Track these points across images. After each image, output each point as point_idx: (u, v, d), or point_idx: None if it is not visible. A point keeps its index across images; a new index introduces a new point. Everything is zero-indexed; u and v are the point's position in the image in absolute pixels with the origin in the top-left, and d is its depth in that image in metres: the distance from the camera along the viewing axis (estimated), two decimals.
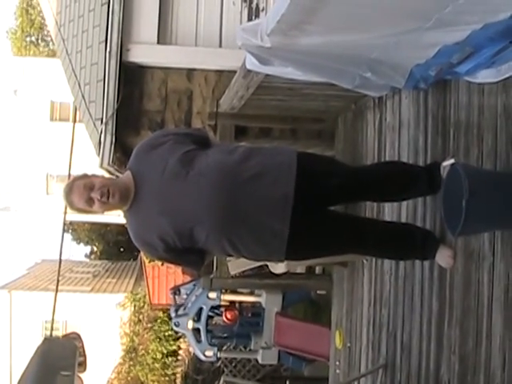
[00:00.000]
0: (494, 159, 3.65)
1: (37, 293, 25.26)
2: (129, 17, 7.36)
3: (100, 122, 7.18)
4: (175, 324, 9.64)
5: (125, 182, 3.76)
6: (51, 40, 26.26)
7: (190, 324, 9.42)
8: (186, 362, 18.09)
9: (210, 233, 3.66)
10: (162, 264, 16.80)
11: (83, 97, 7.59)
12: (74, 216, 17.71)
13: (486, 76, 3.70)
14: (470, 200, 3.06)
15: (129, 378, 21.55)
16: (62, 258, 13.65)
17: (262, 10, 7.71)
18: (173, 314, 9.70)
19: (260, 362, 9.81)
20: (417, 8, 3.24)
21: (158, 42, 7.49)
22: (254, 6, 7.73)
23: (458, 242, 4.00)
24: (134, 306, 23.13)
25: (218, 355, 9.70)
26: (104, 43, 7.20)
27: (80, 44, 7.94)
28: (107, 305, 24.47)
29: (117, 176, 7.12)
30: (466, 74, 3.83)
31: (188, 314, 9.44)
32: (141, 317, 22.48)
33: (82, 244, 37.19)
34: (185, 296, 9.96)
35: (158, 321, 21.35)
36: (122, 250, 35.35)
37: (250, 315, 10.12)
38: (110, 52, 7.14)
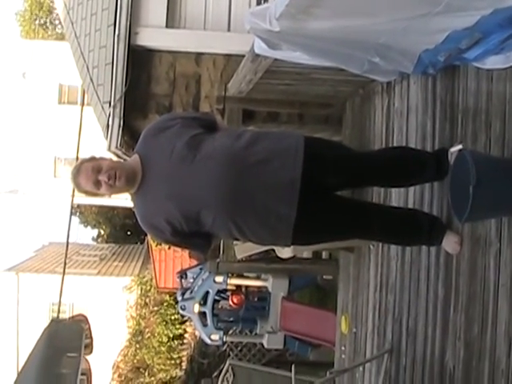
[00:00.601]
0: (501, 146, 3.64)
1: (44, 275, 25.33)
2: (137, 0, 7.35)
3: (108, 105, 7.19)
4: (181, 307, 9.66)
5: (132, 165, 3.77)
6: (60, 23, 26.27)
7: (196, 308, 9.44)
8: (192, 345, 18.16)
9: (217, 216, 3.67)
10: (169, 247, 16.84)
11: (91, 80, 7.59)
12: (82, 199, 17.80)
13: (494, 62, 3.68)
14: (477, 186, 3.06)
15: (135, 361, 21.62)
16: (70, 240, 13.69)
17: None
18: (179, 298, 9.72)
19: (266, 346, 9.83)
20: None
21: (167, 26, 7.48)
22: None
23: (464, 227, 4.00)
24: (141, 289, 23.18)
25: (224, 339, 9.71)
26: (113, 26, 7.20)
27: (89, 27, 7.93)
28: (114, 288, 24.53)
29: (124, 159, 7.13)
30: (474, 60, 3.81)
31: (194, 297, 9.46)
32: (147, 300, 22.53)
33: (89, 227, 37.29)
34: (191, 280, 9.98)
35: (165, 304, 21.39)
36: (128, 233, 35.44)
37: (256, 299, 10.15)
38: (118, 35, 7.14)
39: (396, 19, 3.60)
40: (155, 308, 21.82)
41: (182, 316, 17.61)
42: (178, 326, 21.07)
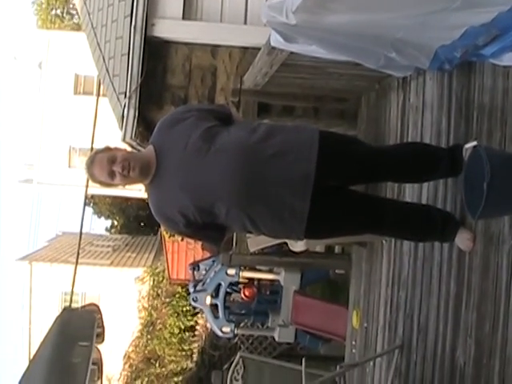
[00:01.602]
0: None
1: (57, 265, 25.43)
2: None
3: (123, 96, 7.20)
4: (193, 299, 9.68)
5: (146, 156, 3.78)
6: (76, 13, 26.32)
7: (208, 300, 9.46)
8: (203, 337, 18.17)
9: (230, 209, 3.67)
10: (182, 239, 16.86)
11: (107, 70, 7.61)
12: (96, 189, 17.82)
13: (511, 59, 3.67)
14: (491, 183, 3.06)
15: (146, 352, 21.67)
16: (83, 231, 13.74)
17: None
18: (191, 290, 9.74)
19: (277, 339, 9.84)
20: None
21: (183, 18, 7.49)
22: None
23: (478, 225, 3.99)
24: (153, 280, 23.22)
25: (235, 332, 9.73)
26: (129, 17, 7.21)
27: (105, 18, 7.95)
28: (126, 279, 24.59)
29: (139, 150, 7.14)
30: (491, 57, 3.80)
31: (206, 289, 9.48)
32: (159, 291, 22.57)
33: (102, 218, 37.39)
34: (204, 272, 9.99)
35: (177, 296, 21.43)
36: (142, 224, 35.49)
37: (268, 293, 10.16)
38: (135, 26, 7.15)
39: (413, 14, 3.59)
40: (167, 299, 21.86)
41: (194, 308, 17.65)
42: (189, 318, 21.12)
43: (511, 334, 3.52)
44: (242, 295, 9.71)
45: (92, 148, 10.58)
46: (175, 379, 20.67)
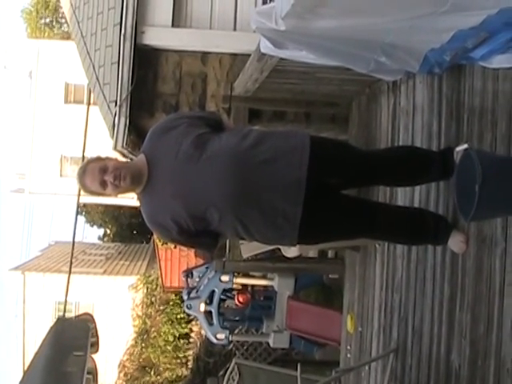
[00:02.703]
0: (507, 145, 3.65)
1: (50, 274, 25.35)
2: None
3: (114, 104, 7.20)
4: (187, 307, 9.67)
5: (138, 165, 3.78)
6: (66, 22, 26.28)
7: (202, 307, 9.44)
8: (198, 344, 18.15)
9: (223, 215, 3.68)
10: (175, 246, 16.84)
11: (97, 79, 7.61)
12: (88, 198, 17.82)
13: (500, 61, 3.68)
14: (483, 185, 3.06)
15: (141, 360, 21.62)
16: (76, 240, 13.72)
17: None
18: (185, 297, 9.73)
19: (271, 345, 9.83)
20: None
21: (173, 25, 7.49)
22: None
23: (470, 227, 4.00)
24: (147, 288, 23.18)
25: (230, 338, 9.71)
26: (119, 26, 7.21)
27: (95, 26, 7.95)
28: (120, 287, 24.53)
29: (131, 158, 7.14)
30: (480, 59, 3.81)
31: (200, 296, 9.47)
32: (153, 299, 22.53)
33: (95, 226, 37.35)
34: (197, 279, 9.98)
35: (171, 303, 21.39)
36: (135, 232, 35.44)
37: (262, 298, 10.16)
38: (124, 34, 7.15)
39: (402, 18, 3.60)
40: (161, 307, 21.82)
41: (188, 315, 17.62)
42: (183, 325, 21.08)
43: (505, 335, 3.53)
44: (236, 301, 9.70)
45: (83, 157, 10.58)
46: None
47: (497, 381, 3.60)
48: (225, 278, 9.26)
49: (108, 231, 37.91)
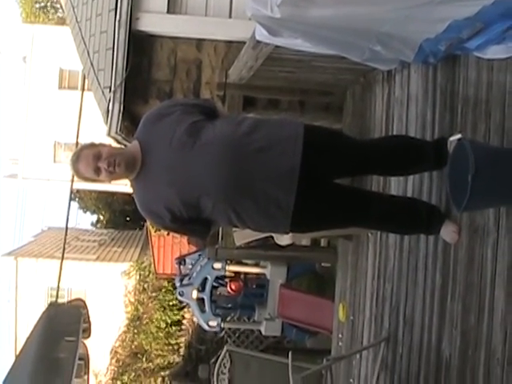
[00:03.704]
0: (501, 135, 3.65)
1: (43, 260, 25.33)
2: None
3: (108, 90, 7.18)
4: (180, 293, 9.67)
5: (132, 152, 3.78)
6: (61, 7, 26.19)
7: (195, 294, 9.45)
8: (190, 331, 18.21)
9: (216, 203, 3.68)
10: (168, 234, 16.83)
11: (92, 65, 7.59)
12: (81, 184, 17.79)
13: (495, 52, 3.68)
14: (476, 175, 3.07)
15: (133, 347, 21.66)
16: (69, 226, 13.70)
17: None
18: (177, 284, 9.73)
19: (263, 333, 9.84)
20: None
21: (168, 12, 7.47)
22: None
23: (463, 217, 4.01)
24: (139, 275, 23.19)
25: (222, 325, 9.73)
26: (114, 11, 7.19)
27: (90, 12, 7.92)
28: (112, 273, 24.51)
29: (124, 144, 7.14)
30: (475, 50, 3.82)
31: (193, 283, 9.47)
32: (146, 286, 22.54)
33: (88, 212, 37.26)
34: (190, 266, 9.98)
35: (163, 290, 21.42)
36: (128, 219, 35.39)
37: (254, 286, 10.16)
38: (119, 20, 7.12)
39: (398, 8, 3.60)
40: (153, 294, 21.84)
41: (180, 302, 17.66)
42: (176, 312, 21.12)
43: (496, 326, 3.55)
44: (229, 289, 9.71)
45: (77, 143, 10.55)
46: (162, 373, 20.69)
47: (487, 370, 3.62)
48: (217, 265, 9.26)
49: (101, 217, 37.82)
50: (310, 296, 9.18)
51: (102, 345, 19.97)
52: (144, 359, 21.11)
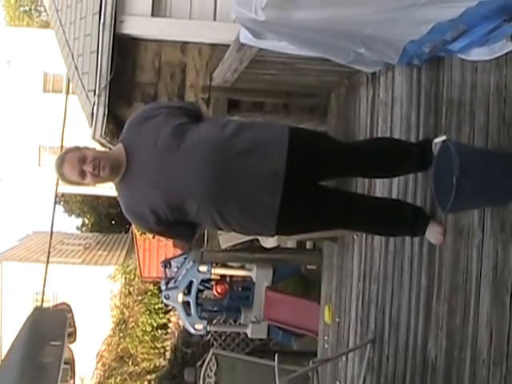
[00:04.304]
0: (485, 137, 3.66)
1: (28, 264, 25.28)
2: None
3: (93, 93, 7.16)
4: (165, 297, 9.65)
5: (116, 155, 3.77)
6: (45, 10, 26.12)
7: (180, 297, 9.43)
8: (176, 335, 18.19)
9: (201, 206, 3.67)
10: (153, 237, 16.83)
11: (76, 68, 7.57)
12: (66, 188, 17.72)
13: (479, 54, 3.70)
14: (461, 177, 3.08)
15: (118, 350, 21.64)
16: (54, 229, 13.64)
17: None
18: (163, 287, 9.72)
19: (249, 336, 9.83)
20: None
21: (152, 15, 7.46)
22: None
23: (448, 218, 4.02)
24: (125, 278, 23.18)
25: (208, 329, 9.71)
26: (98, 14, 7.17)
27: (74, 15, 7.90)
28: (98, 277, 24.50)
29: (109, 148, 7.12)
30: (459, 52, 3.83)
31: (178, 287, 9.45)
32: (131, 289, 22.54)
33: (73, 216, 37.16)
34: (175, 269, 9.96)
35: (149, 293, 21.42)
36: (113, 222, 35.36)
37: (240, 289, 10.15)
38: (103, 23, 7.11)
39: (382, 10, 3.61)
40: (139, 297, 21.85)
41: (166, 305, 17.64)
42: (161, 316, 21.12)
43: (482, 327, 3.56)
44: (214, 292, 9.69)
45: (62, 146, 10.52)
46: (148, 377, 20.69)
47: (472, 372, 3.63)
48: (203, 268, 9.24)
49: (86, 221, 37.78)
50: (296, 298, 9.17)
51: (88, 349, 19.95)
52: (130, 363, 21.10)
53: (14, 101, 24.26)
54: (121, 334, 21.76)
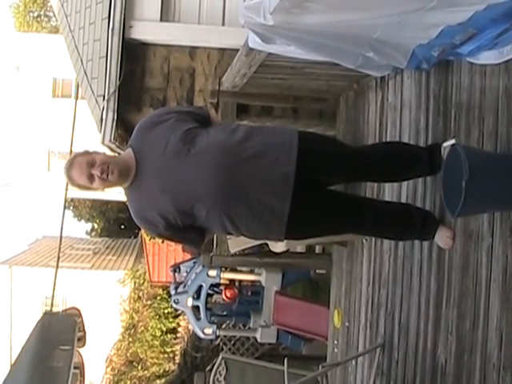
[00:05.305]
0: (494, 141, 3.66)
1: (37, 269, 25.32)
2: None
3: (102, 98, 7.18)
4: (175, 301, 9.64)
5: (125, 160, 3.77)
6: (54, 16, 26.21)
7: (190, 301, 9.42)
8: (185, 339, 18.17)
9: (211, 210, 3.67)
10: (163, 241, 16.84)
11: (85, 73, 7.58)
12: (75, 193, 17.77)
13: (488, 57, 3.69)
14: (470, 181, 3.07)
15: (128, 355, 21.64)
16: (63, 234, 13.67)
17: None
18: (172, 292, 9.70)
19: (259, 340, 9.82)
20: None
21: (161, 20, 7.48)
22: None
23: (457, 222, 4.01)
24: (134, 283, 23.20)
25: (217, 333, 9.69)
26: (107, 20, 7.19)
27: (83, 20, 7.93)
28: (107, 282, 24.52)
29: (118, 153, 7.13)
30: (468, 55, 3.82)
31: (187, 291, 9.44)
32: (140, 294, 22.54)
33: (82, 221, 37.19)
34: (185, 273, 9.97)
35: (158, 298, 21.42)
36: (122, 227, 35.40)
37: (249, 294, 10.14)
38: (112, 29, 7.13)
39: (390, 14, 3.60)
40: (148, 302, 21.84)
41: (176, 310, 17.60)
42: (171, 320, 21.10)
43: (491, 331, 3.55)
44: (224, 296, 9.68)
45: (71, 151, 10.53)
46: (158, 382, 20.66)
47: (483, 376, 3.62)
48: (212, 272, 9.24)
49: (95, 226, 37.82)
50: (305, 303, 9.16)
51: (98, 353, 19.95)
52: (139, 367, 21.09)
53: (23, 106, 24.28)
54: (130, 339, 21.76)
